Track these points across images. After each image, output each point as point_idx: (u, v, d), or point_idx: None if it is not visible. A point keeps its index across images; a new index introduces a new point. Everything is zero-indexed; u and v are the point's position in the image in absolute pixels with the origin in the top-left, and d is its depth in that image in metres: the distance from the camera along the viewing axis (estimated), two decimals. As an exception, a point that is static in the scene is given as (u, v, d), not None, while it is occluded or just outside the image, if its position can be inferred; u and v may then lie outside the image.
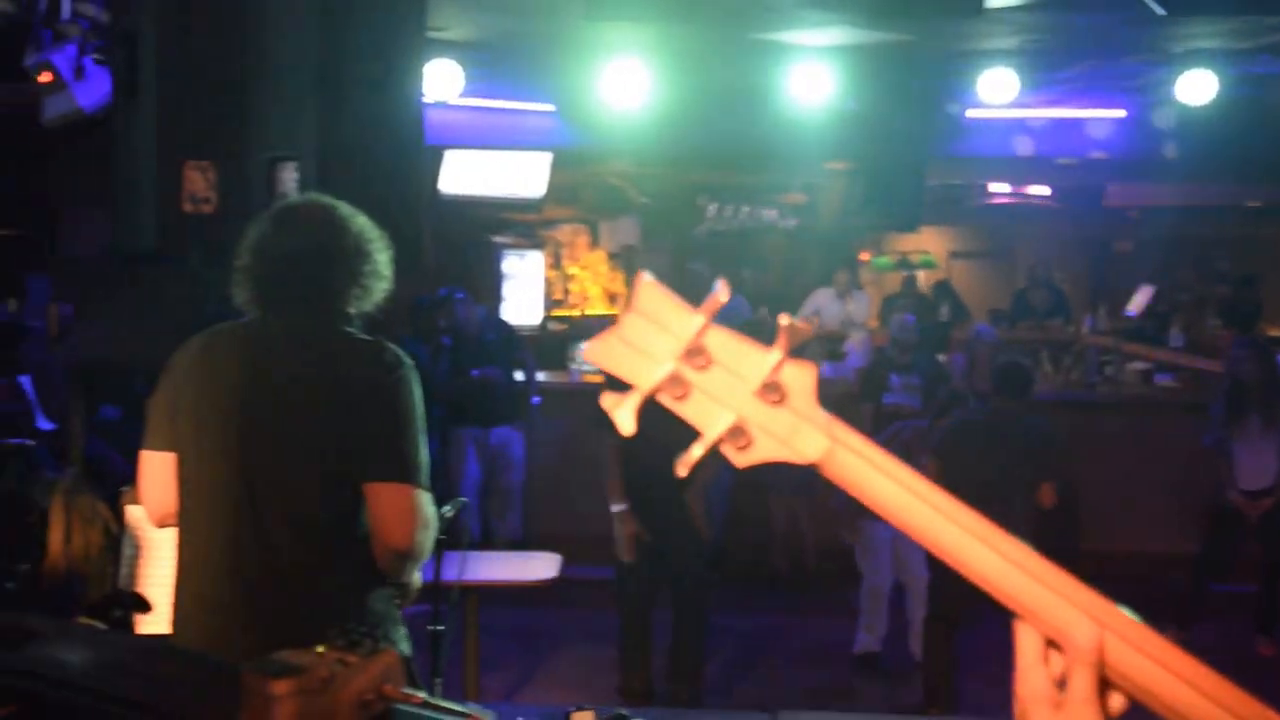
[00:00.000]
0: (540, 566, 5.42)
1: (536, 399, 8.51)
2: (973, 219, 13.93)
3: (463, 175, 10.58)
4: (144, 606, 2.49)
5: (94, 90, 5.03)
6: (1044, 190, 13.15)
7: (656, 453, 2.24)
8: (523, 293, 12.48)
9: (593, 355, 1.00)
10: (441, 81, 7.91)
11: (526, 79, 9.23)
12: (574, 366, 10.08)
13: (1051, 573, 0.96)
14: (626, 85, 8.20)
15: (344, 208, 2.81)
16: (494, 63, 8.41)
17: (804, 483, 7.43)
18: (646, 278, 1.00)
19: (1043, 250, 12.72)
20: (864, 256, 13.90)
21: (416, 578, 2.83)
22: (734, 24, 7.26)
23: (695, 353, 0.98)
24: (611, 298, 13.29)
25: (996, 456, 5.56)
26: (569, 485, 8.29)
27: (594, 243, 13.52)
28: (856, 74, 8.25)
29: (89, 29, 4.92)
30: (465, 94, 8.60)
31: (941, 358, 8.50)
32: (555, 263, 13.21)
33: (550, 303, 12.83)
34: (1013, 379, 5.82)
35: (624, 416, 0.98)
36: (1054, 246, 13.15)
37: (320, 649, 1.37)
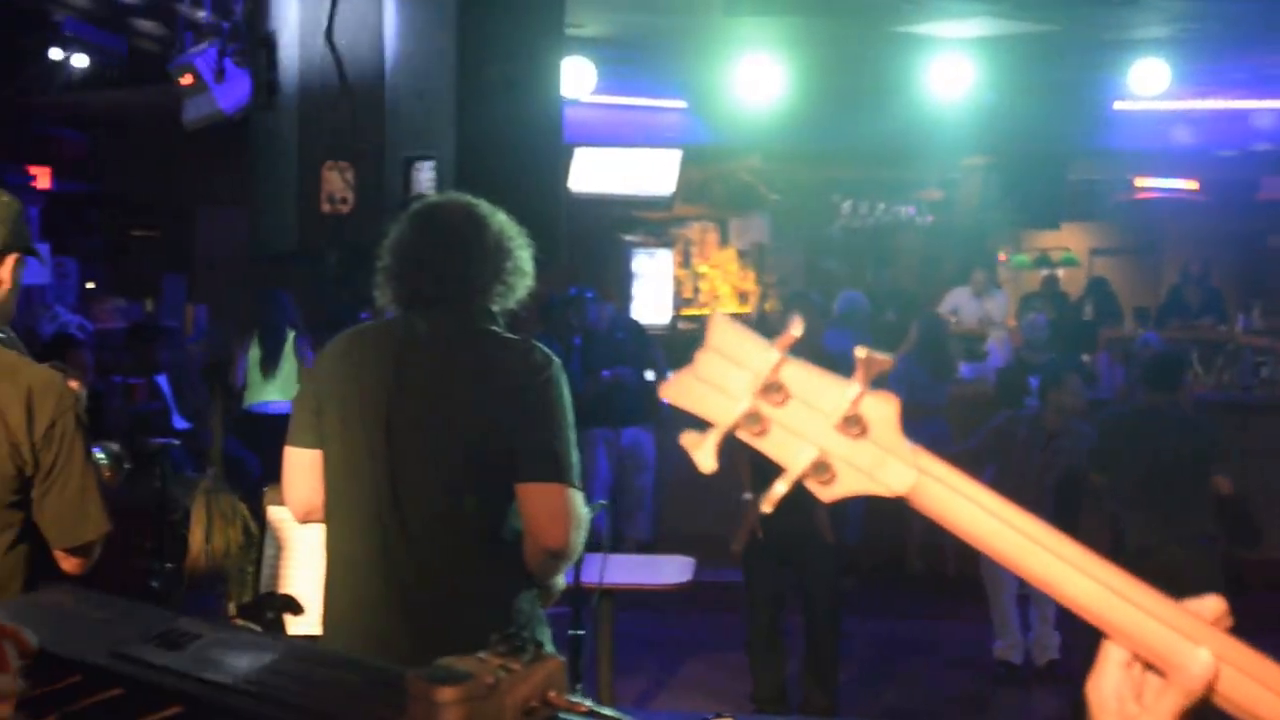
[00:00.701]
0: (674, 570, 5.36)
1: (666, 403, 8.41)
2: (1116, 215, 13.47)
3: (592, 173, 10.57)
4: (296, 608, 2.49)
5: (234, 92, 5.09)
6: (1193, 184, 12.65)
7: None
8: (652, 291, 12.43)
9: (669, 394, 1.00)
10: (574, 79, 7.88)
11: (659, 75, 9.17)
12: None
13: (1153, 599, 0.95)
14: (761, 80, 8.10)
15: (484, 205, 2.78)
16: (627, 59, 8.37)
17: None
18: (719, 315, 1.00)
19: (1190, 247, 12.25)
20: (1002, 254, 13.54)
21: (560, 580, 2.79)
22: (874, 17, 7.10)
23: (772, 388, 0.97)
24: (741, 296, 13.17)
25: (1156, 449, 5.42)
26: (699, 486, 8.17)
27: (724, 241, 13.41)
28: (997, 66, 8.01)
29: (229, 31, 4.97)
30: (597, 91, 8.56)
31: (1086, 358, 8.21)
32: (685, 261, 13.14)
33: (680, 301, 12.77)
34: (1164, 370, 5.69)
35: (704, 456, 0.99)
36: (1203, 243, 12.64)
37: (483, 655, 1.34)
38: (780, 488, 0.98)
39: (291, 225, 4.05)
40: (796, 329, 0.97)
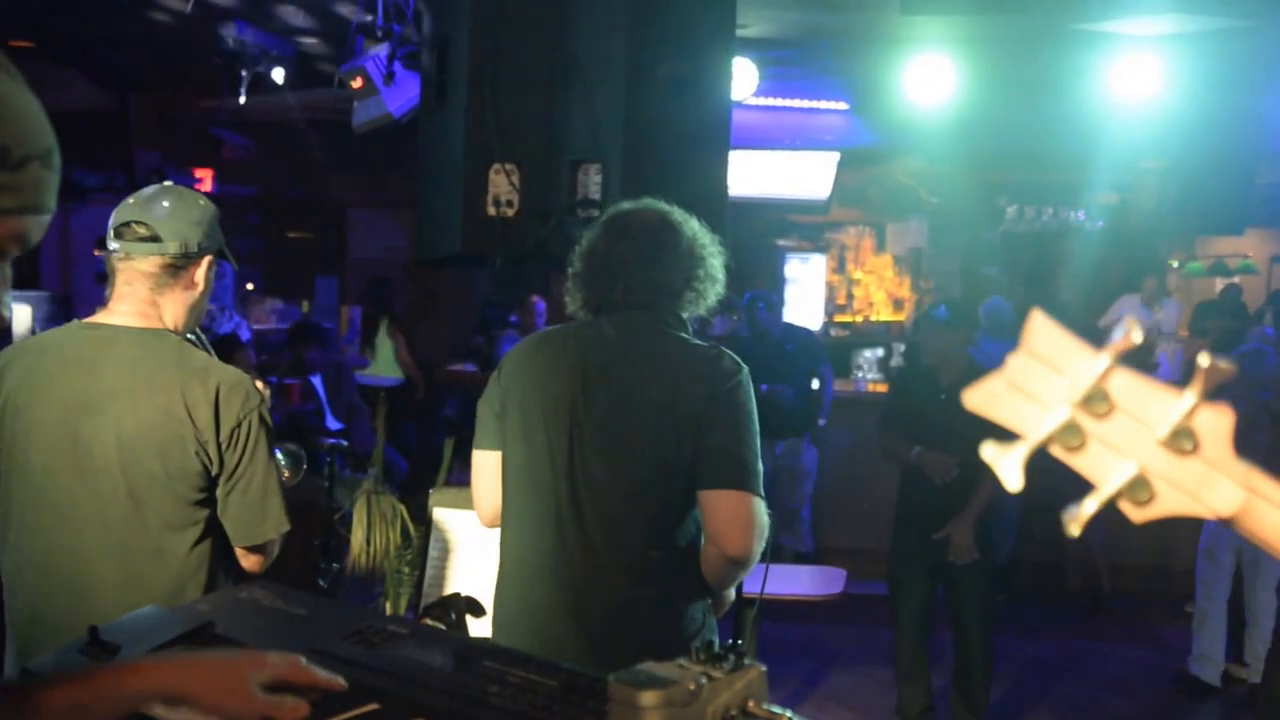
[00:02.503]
0: (825, 581, 5.38)
1: (823, 420, 8.19)
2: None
3: (747, 176, 10.41)
4: (479, 610, 2.45)
5: (402, 95, 5.08)
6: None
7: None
8: (805, 297, 12.21)
9: (975, 402, 0.94)
10: (738, 80, 7.71)
11: (822, 76, 8.97)
12: (858, 375, 9.75)
13: None
14: (930, 80, 7.84)
15: (676, 212, 2.80)
16: (789, 60, 8.19)
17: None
18: (1038, 316, 0.93)
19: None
20: (1174, 261, 12.94)
21: (731, 591, 2.79)
22: (1056, 13, 6.78)
23: (1096, 398, 0.91)
24: (896, 303, 12.85)
25: None
26: (854, 498, 8.02)
27: (880, 246, 13.11)
28: (1181, 64, 7.62)
29: (400, 34, 4.96)
30: (756, 93, 8.39)
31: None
32: (839, 266, 12.88)
33: (832, 307, 12.52)
34: None
35: (1011, 472, 0.92)
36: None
37: (684, 661, 1.35)
38: (1090, 506, 0.92)
39: (456, 228, 4.03)
40: (1136, 335, 0.90)
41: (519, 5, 4.03)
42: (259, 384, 2.79)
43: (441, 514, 3.44)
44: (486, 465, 2.79)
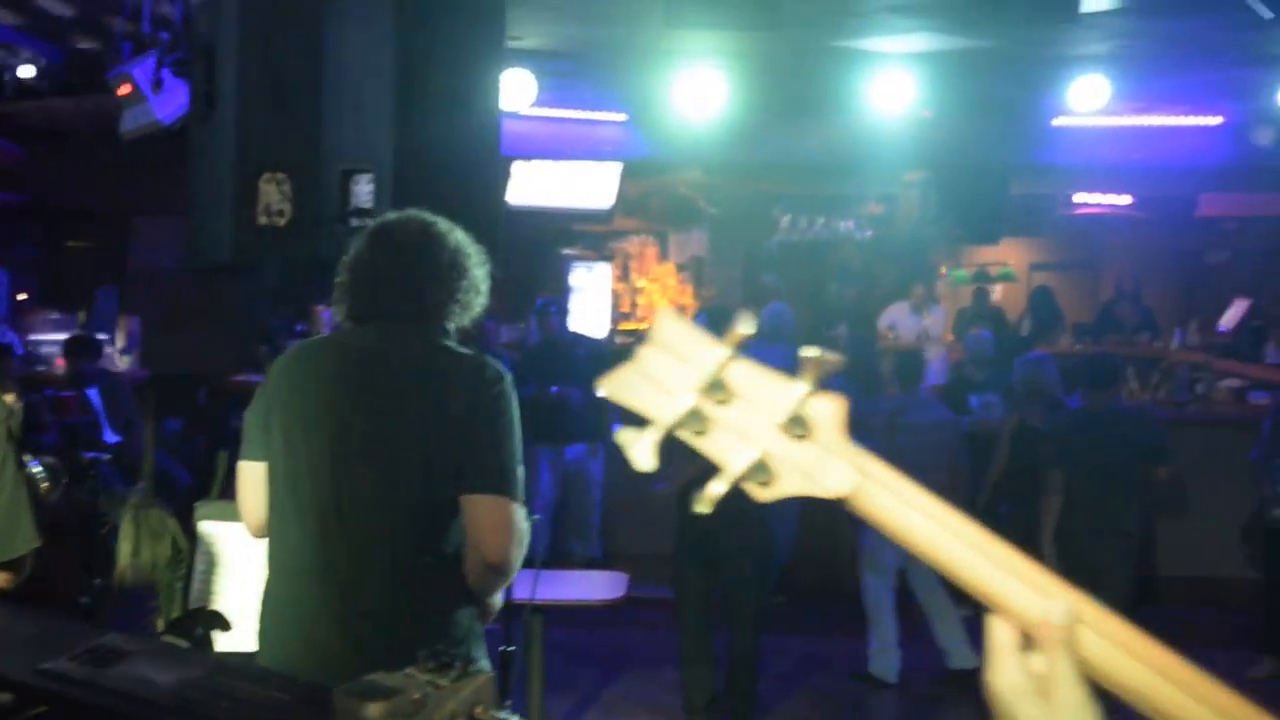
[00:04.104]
0: (607, 585, 5.38)
1: (617, 424, 8.33)
2: (1056, 230, 13.61)
3: (531, 186, 10.50)
4: (225, 625, 2.46)
5: (171, 102, 4.99)
6: (1133, 200, 12.80)
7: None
8: (590, 305, 12.36)
9: (609, 390, 0.99)
10: (514, 91, 7.81)
11: (599, 88, 9.13)
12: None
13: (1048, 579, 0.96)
14: (701, 93, 8.07)
15: (442, 223, 2.81)
16: (567, 72, 8.32)
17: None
18: (666, 310, 0.99)
19: (1130, 262, 12.40)
20: (942, 270, 13.62)
21: (498, 596, 2.82)
22: (816, 30, 7.09)
23: (716, 386, 0.96)
24: (680, 310, 13.12)
25: (1106, 444, 5.96)
26: (643, 503, 8.15)
27: (663, 254, 13.39)
28: (939, 81, 8.05)
29: (168, 41, 4.88)
30: (536, 103, 8.51)
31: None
32: (623, 274, 13.10)
33: (618, 315, 12.71)
34: (1102, 372, 6.21)
35: (642, 453, 0.97)
36: (1142, 258, 12.81)
37: (409, 671, 1.36)
38: (718, 487, 0.96)
39: (227, 237, 4.00)
40: (747, 326, 0.95)
41: (286, 15, 4.01)
42: (9, 397, 2.73)
43: (209, 526, 3.40)
44: (252, 476, 2.78)
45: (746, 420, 0.96)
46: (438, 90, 4.54)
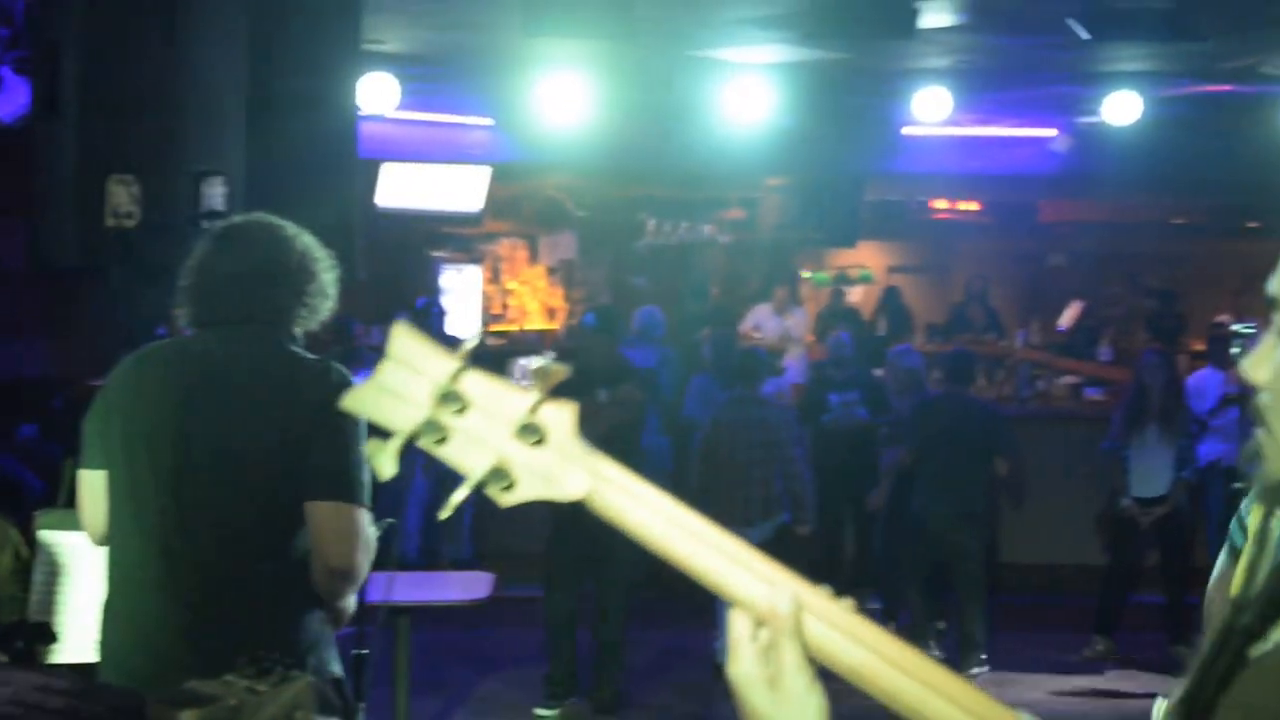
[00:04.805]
0: (474, 586, 5.38)
1: None
2: (911, 235, 14.05)
3: (400, 189, 10.51)
4: (48, 637, 2.42)
5: (12, 101, 4.95)
6: (980, 207, 13.31)
7: None
8: (461, 307, 12.40)
9: (351, 404, 1.02)
10: (378, 94, 7.86)
11: (465, 92, 9.20)
12: (512, 381, 10.04)
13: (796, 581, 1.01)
14: (565, 100, 8.20)
15: (289, 226, 2.79)
16: (432, 76, 8.37)
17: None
18: (401, 324, 1.02)
19: (980, 266, 12.86)
20: (805, 272, 13.96)
21: (350, 600, 2.79)
22: (673, 41, 7.28)
23: (451, 397, 1.00)
24: (550, 313, 13.25)
25: (958, 434, 6.52)
26: (518, 505, 8.20)
27: (533, 257, 13.49)
28: (795, 91, 8.31)
29: (8, 38, 4.83)
30: (403, 107, 8.55)
31: (878, 372, 8.55)
32: (494, 277, 13.16)
33: (488, 317, 12.78)
34: (959, 367, 6.86)
35: (383, 463, 1.00)
36: (990, 262, 13.29)
37: (228, 677, 1.38)
38: (460, 494, 1.02)
39: (73, 239, 3.97)
40: (474, 339, 1.03)
41: (132, 14, 4.00)
42: None
43: (50, 535, 3.29)
44: (92, 484, 2.73)
45: (482, 428, 1.01)
46: (291, 92, 4.58)
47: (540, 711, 6.01)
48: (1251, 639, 0.89)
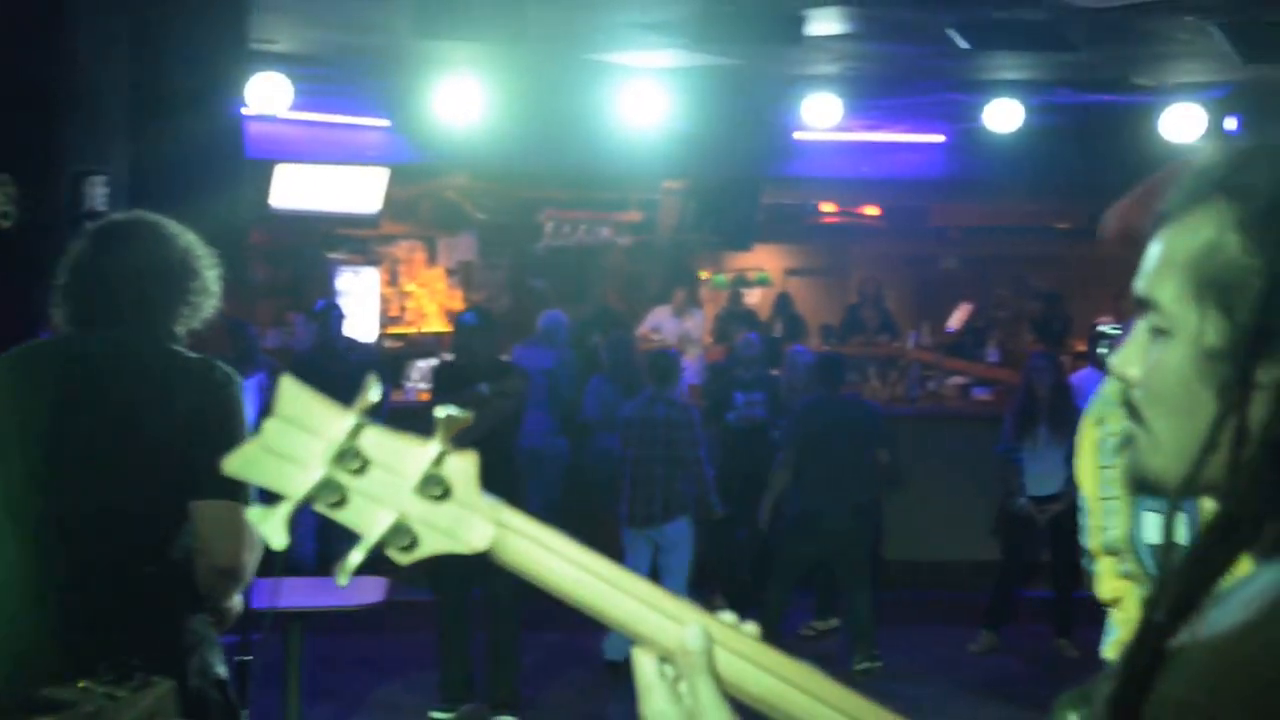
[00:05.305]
0: (366, 590, 5.35)
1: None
2: (808, 237, 14.25)
3: (296, 190, 10.40)
4: None
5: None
6: (875, 210, 13.56)
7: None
8: (358, 309, 12.30)
9: (236, 468, 0.96)
10: (269, 94, 7.79)
11: (360, 93, 9.15)
12: (409, 385, 10.01)
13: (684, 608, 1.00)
14: (462, 102, 8.19)
15: (171, 225, 2.76)
16: (325, 77, 8.31)
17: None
18: (287, 380, 0.97)
19: (874, 268, 13.09)
20: (703, 274, 14.09)
21: (237, 601, 2.80)
22: (566, 44, 7.31)
23: (349, 455, 0.95)
24: (449, 315, 13.20)
25: (839, 429, 6.85)
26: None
27: (432, 259, 13.43)
28: (691, 94, 8.39)
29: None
30: (298, 107, 8.49)
31: (775, 372, 8.69)
32: (392, 279, 13.08)
33: (386, 320, 12.69)
34: (830, 370, 7.18)
35: (273, 531, 0.94)
36: (885, 264, 13.54)
37: (87, 683, 1.36)
38: (355, 557, 0.96)
39: (-52, 239, 3.92)
40: (374, 394, 0.96)
41: (10, 10, 3.96)
42: None
43: None
44: None
45: (382, 486, 0.96)
46: (176, 91, 4.54)
47: (436, 715, 6.01)
48: (1167, 634, 0.90)
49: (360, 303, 12.29)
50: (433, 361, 11.29)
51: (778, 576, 6.96)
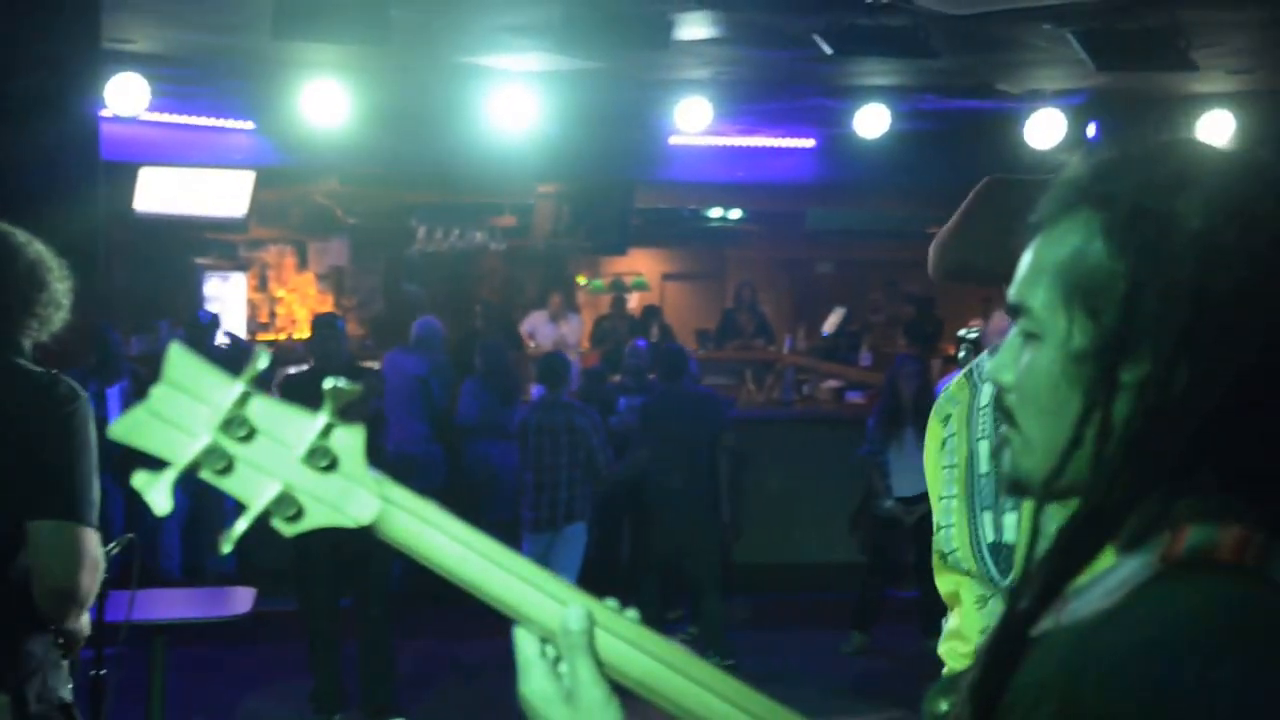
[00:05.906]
0: (234, 601, 5.30)
1: None
2: (684, 242, 14.34)
3: (161, 193, 10.15)
4: None
5: None
6: (749, 214, 13.68)
7: None
8: (227, 315, 12.05)
9: (120, 433, 0.95)
10: (126, 95, 7.57)
11: (223, 95, 8.94)
12: (277, 392, 9.84)
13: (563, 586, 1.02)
14: (327, 104, 8.05)
15: (18, 234, 2.66)
16: (186, 78, 8.10)
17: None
18: (175, 347, 0.97)
19: (751, 272, 13.22)
20: (581, 279, 14.09)
21: (85, 621, 2.71)
22: (432, 46, 7.24)
23: (236, 423, 0.96)
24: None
25: (684, 421, 6.99)
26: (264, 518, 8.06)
27: (302, 264, 13.21)
28: (562, 98, 8.35)
29: None
30: (160, 109, 8.27)
31: (651, 376, 8.73)
32: (261, 284, 12.83)
33: (255, 325, 12.45)
34: (671, 364, 7.27)
35: (158, 497, 0.94)
36: (761, 268, 13.69)
37: None
38: (240, 526, 0.97)
39: None
40: (262, 361, 0.96)
41: None
42: None
43: None
44: None
45: (268, 455, 0.96)
46: (25, 91, 4.40)
47: None
48: (1030, 622, 0.93)
49: (228, 309, 12.05)
50: (303, 368, 11.12)
51: (640, 567, 7.09)
